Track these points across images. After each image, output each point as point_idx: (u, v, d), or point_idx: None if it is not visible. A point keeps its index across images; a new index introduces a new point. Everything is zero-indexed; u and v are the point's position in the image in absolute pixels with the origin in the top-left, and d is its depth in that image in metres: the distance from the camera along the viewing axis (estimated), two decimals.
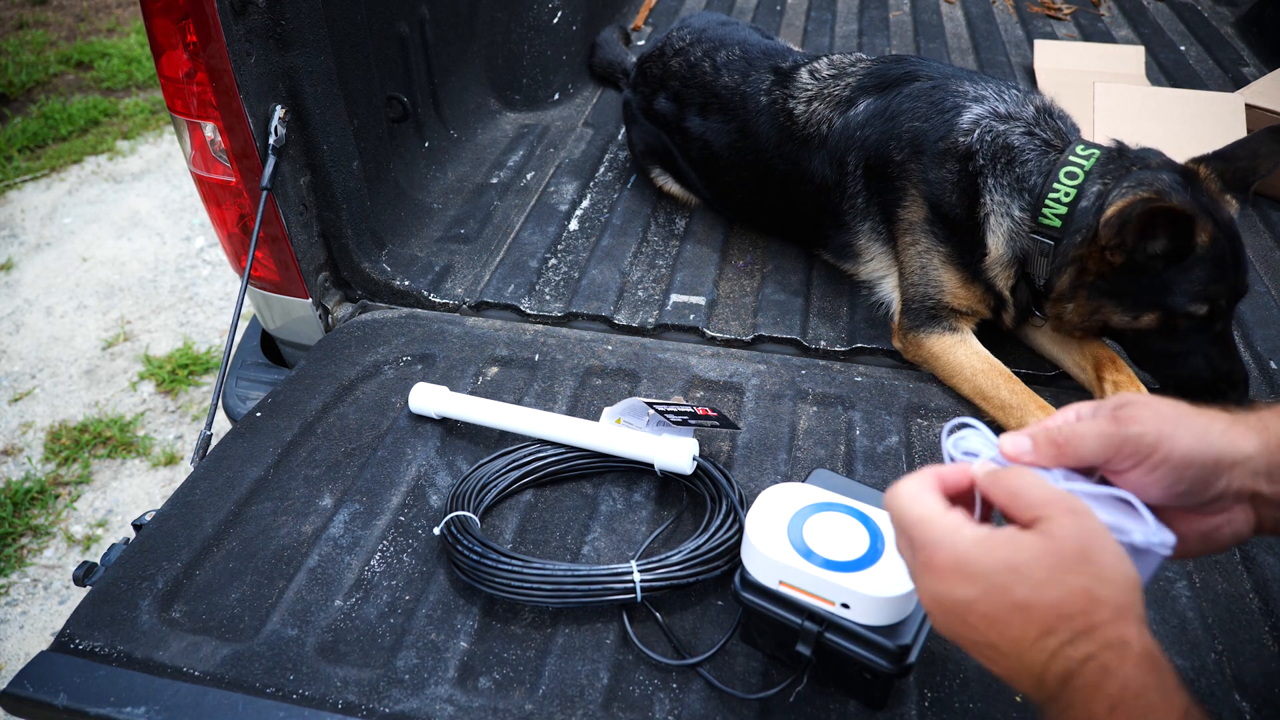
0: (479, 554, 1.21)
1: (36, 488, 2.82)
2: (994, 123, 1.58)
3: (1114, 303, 1.45)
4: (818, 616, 0.98)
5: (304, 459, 1.47)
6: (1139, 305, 1.43)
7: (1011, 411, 1.48)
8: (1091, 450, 0.77)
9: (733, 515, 1.28)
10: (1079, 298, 1.47)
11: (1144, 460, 0.75)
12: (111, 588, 1.24)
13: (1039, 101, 1.63)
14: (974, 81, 1.67)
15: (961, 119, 1.61)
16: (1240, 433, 0.76)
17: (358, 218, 1.83)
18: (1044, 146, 1.54)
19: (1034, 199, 1.51)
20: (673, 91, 2.07)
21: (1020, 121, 1.57)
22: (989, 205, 1.56)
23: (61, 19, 5.80)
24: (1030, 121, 1.58)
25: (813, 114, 1.81)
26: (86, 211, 4.14)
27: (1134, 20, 3.21)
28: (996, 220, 1.56)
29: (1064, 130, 1.59)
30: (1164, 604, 1.22)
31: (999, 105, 1.61)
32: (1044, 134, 1.56)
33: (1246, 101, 2.21)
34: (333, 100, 1.71)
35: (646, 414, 1.44)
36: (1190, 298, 1.39)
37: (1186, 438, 0.75)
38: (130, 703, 1.09)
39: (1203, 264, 1.37)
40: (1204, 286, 1.38)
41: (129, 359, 3.35)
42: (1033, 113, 1.60)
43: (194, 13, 1.48)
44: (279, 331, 1.99)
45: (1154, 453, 0.75)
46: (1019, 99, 1.62)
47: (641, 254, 2.02)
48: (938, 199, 1.62)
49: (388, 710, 1.09)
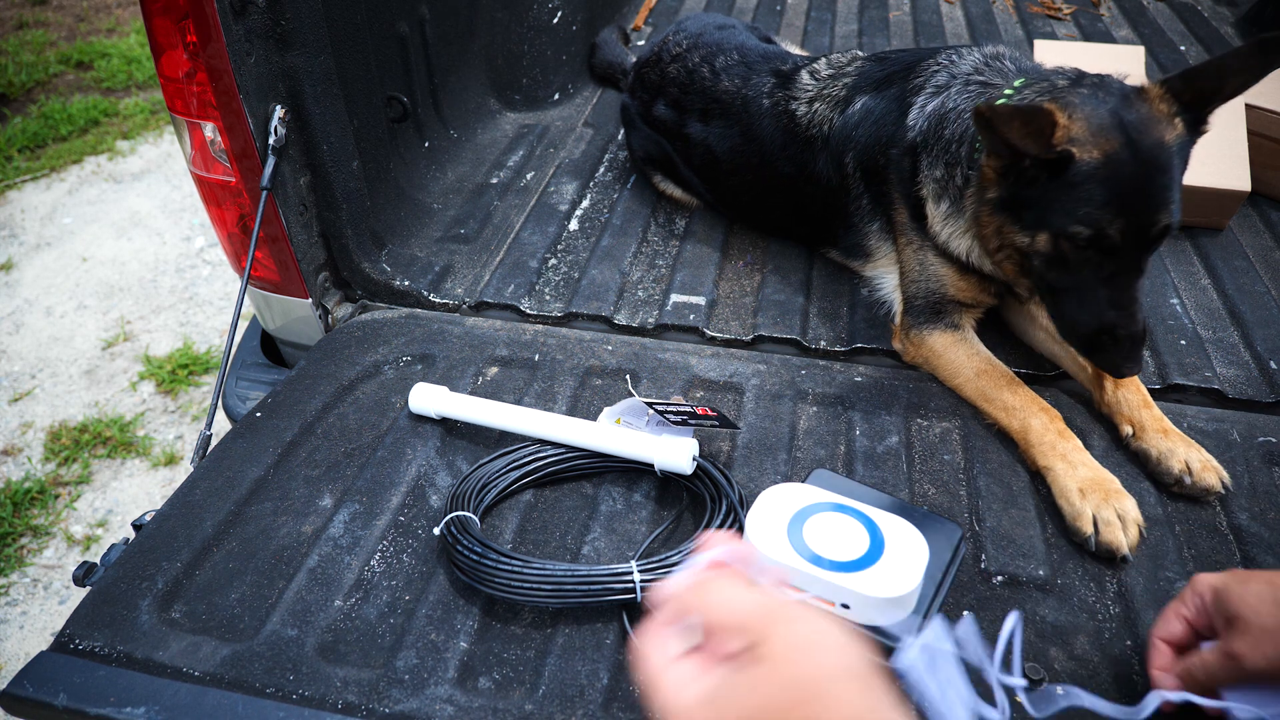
0: (479, 554, 1.21)
1: (36, 488, 2.82)
2: (933, 100, 1.60)
3: (1012, 220, 1.40)
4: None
5: (304, 459, 1.47)
6: (1034, 224, 1.37)
7: (1014, 413, 1.48)
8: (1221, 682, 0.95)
9: (733, 515, 1.28)
10: (983, 215, 1.45)
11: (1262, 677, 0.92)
12: (111, 588, 1.24)
13: (988, 50, 1.62)
14: (931, 57, 1.68)
15: (908, 117, 1.63)
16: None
17: (358, 218, 1.83)
18: (981, 89, 1.54)
19: (966, 146, 1.50)
20: (672, 98, 2.06)
21: (959, 79, 1.58)
22: (921, 179, 1.60)
23: (61, 19, 5.80)
24: (969, 73, 1.58)
25: (814, 115, 1.81)
26: (86, 211, 4.14)
27: (1134, 20, 3.21)
28: (926, 188, 1.59)
29: (1010, 70, 1.57)
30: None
31: (940, 76, 1.62)
32: (983, 77, 1.56)
33: (1246, 102, 2.21)
34: (333, 100, 1.71)
35: (646, 414, 1.44)
36: (1072, 217, 1.31)
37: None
38: (130, 703, 1.09)
39: (1091, 182, 1.28)
40: (1091, 207, 1.29)
41: (129, 359, 3.35)
42: (974, 63, 1.60)
43: (194, 13, 1.48)
44: (279, 331, 1.99)
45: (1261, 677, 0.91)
46: (964, 54, 1.63)
47: (641, 254, 2.02)
48: (907, 194, 1.65)
49: (388, 710, 1.09)
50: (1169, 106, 1.33)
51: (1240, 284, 1.86)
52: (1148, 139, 1.29)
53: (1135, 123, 1.29)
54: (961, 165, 1.53)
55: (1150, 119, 1.31)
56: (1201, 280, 1.89)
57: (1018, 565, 1.27)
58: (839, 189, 1.80)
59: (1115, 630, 1.19)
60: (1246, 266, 1.92)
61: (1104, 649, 1.16)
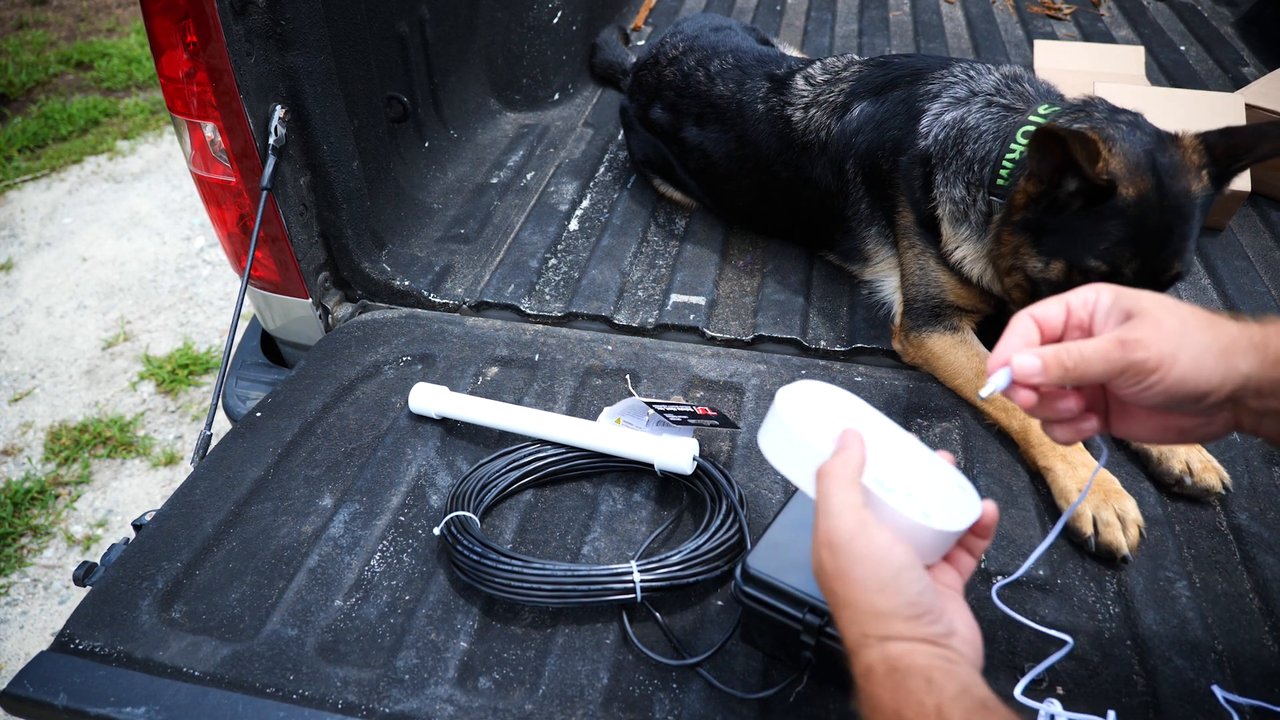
0: (479, 554, 1.21)
1: (36, 488, 2.82)
2: (952, 112, 1.59)
3: (1031, 243, 1.40)
4: (819, 610, 0.98)
5: (304, 459, 1.47)
6: (1051, 251, 1.38)
7: (1014, 413, 1.48)
8: (1097, 374, 0.80)
9: (733, 515, 1.28)
10: (1004, 234, 1.45)
11: (1141, 382, 0.78)
12: (111, 588, 1.24)
13: (1005, 70, 1.62)
14: (945, 68, 1.67)
15: (920, 123, 1.62)
16: (1241, 352, 0.77)
17: (358, 218, 1.83)
18: (1003, 113, 1.53)
19: (990, 168, 1.50)
20: (668, 101, 2.06)
21: (980, 96, 1.58)
22: (937, 196, 1.59)
23: (61, 19, 5.80)
24: (990, 93, 1.58)
25: (810, 120, 1.81)
26: (86, 211, 4.14)
27: (1134, 20, 3.21)
28: (943, 208, 1.59)
29: (1031, 94, 1.57)
30: (1164, 604, 1.22)
31: (960, 89, 1.61)
32: (1005, 100, 1.55)
33: (1246, 101, 2.21)
34: (333, 100, 1.71)
35: (646, 414, 1.44)
36: (1092, 252, 1.32)
37: (1186, 361, 0.76)
38: (130, 703, 1.09)
39: (1118, 219, 1.29)
40: (1111, 243, 1.30)
41: (129, 359, 3.35)
42: (994, 83, 1.59)
43: (194, 13, 1.48)
44: (279, 331, 1.99)
45: (1152, 375, 0.77)
46: (984, 72, 1.63)
47: (641, 254, 2.02)
48: (916, 202, 1.64)
49: (388, 710, 1.09)
50: (1200, 158, 1.32)
51: (1240, 284, 1.86)
52: (1177, 186, 1.29)
53: (1168, 167, 1.30)
54: (985, 188, 1.51)
55: (1181, 166, 1.31)
56: (1201, 280, 1.89)
57: (1018, 565, 1.27)
58: (837, 194, 1.80)
59: (1115, 630, 1.19)
60: (1246, 266, 1.92)
61: (1104, 649, 1.16)
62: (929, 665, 0.71)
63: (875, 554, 0.76)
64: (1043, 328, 0.85)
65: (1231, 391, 0.77)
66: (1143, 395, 0.79)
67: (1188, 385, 0.77)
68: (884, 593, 0.75)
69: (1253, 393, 0.77)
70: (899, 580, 0.76)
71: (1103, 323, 0.83)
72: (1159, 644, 1.16)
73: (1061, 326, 0.86)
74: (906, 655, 0.73)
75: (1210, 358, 0.76)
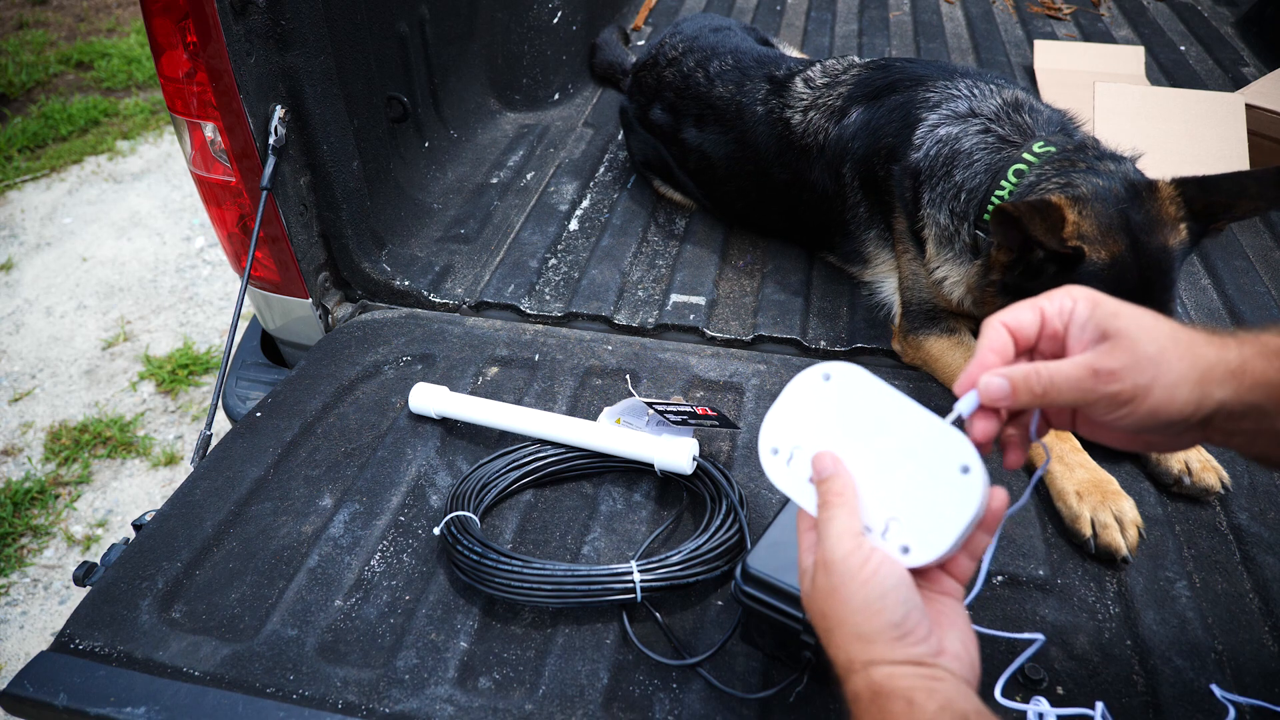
0: (479, 554, 1.21)
1: (36, 488, 2.82)
2: (948, 127, 1.56)
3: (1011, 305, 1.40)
4: None
5: (304, 459, 1.47)
6: None
7: None
8: (1067, 401, 0.78)
9: (733, 515, 1.28)
10: (987, 295, 1.44)
11: (1113, 413, 0.77)
12: (111, 588, 1.24)
13: (1008, 95, 1.59)
14: (949, 80, 1.65)
15: (916, 132, 1.60)
16: (1217, 380, 0.75)
17: (358, 218, 1.83)
18: (998, 144, 1.51)
19: (976, 203, 1.48)
20: (668, 102, 2.06)
21: (979, 119, 1.55)
22: (923, 216, 1.59)
23: (61, 19, 5.80)
24: (990, 118, 1.55)
25: (809, 123, 1.81)
26: (86, 211, 4.14)
27: (1134, 20, 3.21)
28: (929, 229, 1.58)
29: (1029, 125, 1.54)
30: (1164, 604, 1.22)
31: (961, 104, 1.59)
32: (1001, 130, 1.53)
33: (1246, 101, 2.21)
34: (333, 100, 1.71)
35: (646, 414, 1.44)
36: None
37: (1159, 394, 0.75)
38: (130, 703, 1.09)
39: (1094, 281, 1.24)
40: None
41: (129, 359, 3.35)
42: (996, 107, 1.57)
43: (194, 13, 1.48)
44: (279, 331, 1.99)
45: (1123, 408, 0.76)
46: (987, 93, 1.60)
47: (641, 254, 2.02)
48: (907, 210, 1.65)
49: (388, 710, 1.09)
50: (1177, 210, 1.30)
51: (1240, 284, 1.86)
52: (1153, 243, 1.28)
53: (1142, 224, 1.28)
54: (969, 223, 1.50)
55: (1157, 221, 1.29)
56: (1201, 280, 1.90)
57: (1018, 565, 1.27)
58: (835, 197, 1.80)
59: (1115, 630, 1.19)
60: (1246, 266, 1.92)
61: (1104, 649, 1.16)
62: (910, 687, 0.71)
63: (866, 572, 0.76)
64: (1016, 336, 0.83)
65: (1204, 418, 0.76)
66: (1113, 422, 0.78)
67: (1160, 416, 0.76)
68: (869, 612, 0.75)
69: (1224, 416, 0.76)
70: (885, 599, 0.75)
71: (1077, 336, 0.80)
72: (1159, 644, 1.16)
73: (1035, 335, 0.83)
74: (889, 680, 0.72)
75: (1185, 388, 0.75)
